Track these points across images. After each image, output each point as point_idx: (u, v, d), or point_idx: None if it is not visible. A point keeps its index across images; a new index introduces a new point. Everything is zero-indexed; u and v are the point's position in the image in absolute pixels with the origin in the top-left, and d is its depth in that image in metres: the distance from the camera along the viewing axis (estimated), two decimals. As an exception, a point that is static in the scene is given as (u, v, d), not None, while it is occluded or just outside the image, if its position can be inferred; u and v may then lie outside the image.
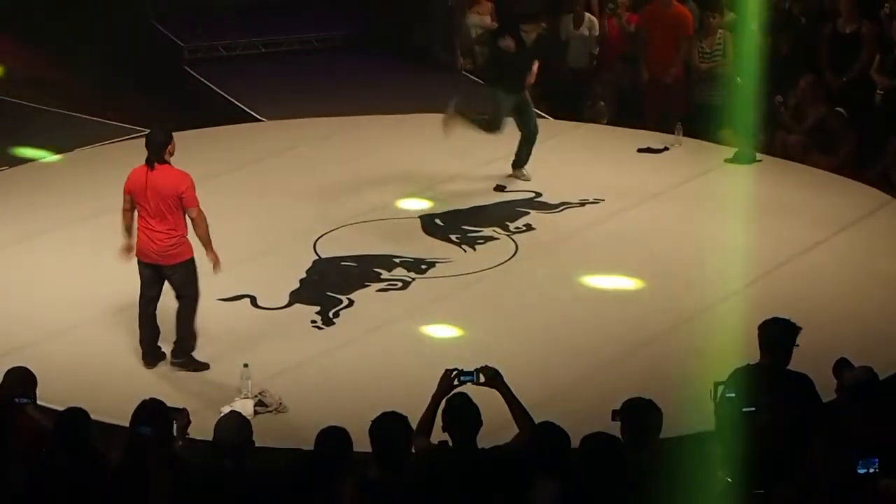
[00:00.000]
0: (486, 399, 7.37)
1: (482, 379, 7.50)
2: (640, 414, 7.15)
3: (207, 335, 10.44)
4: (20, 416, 7.64)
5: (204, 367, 10.10)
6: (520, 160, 13.77)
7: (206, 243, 9.95)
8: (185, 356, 10.10)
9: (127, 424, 7.34)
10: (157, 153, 9.84)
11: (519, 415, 7.46)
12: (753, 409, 7.33)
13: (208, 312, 10.72)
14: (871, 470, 6.55)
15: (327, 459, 6.86)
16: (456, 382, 7.48)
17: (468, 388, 7.40)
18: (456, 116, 13.38)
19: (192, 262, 9.99)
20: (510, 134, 13.65)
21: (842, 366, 8.02)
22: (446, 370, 7.54)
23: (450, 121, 13.37)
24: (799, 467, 6.80)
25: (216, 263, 9.99)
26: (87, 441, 7.18)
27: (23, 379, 7.89)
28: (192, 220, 9.87)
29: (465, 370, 7.48)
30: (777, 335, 7.96)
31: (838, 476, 6.63)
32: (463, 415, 7.14)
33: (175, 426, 7.28)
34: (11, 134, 15.47)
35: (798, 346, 7.90)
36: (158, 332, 10.20)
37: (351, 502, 6.77)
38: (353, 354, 10.42)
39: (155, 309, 10.13)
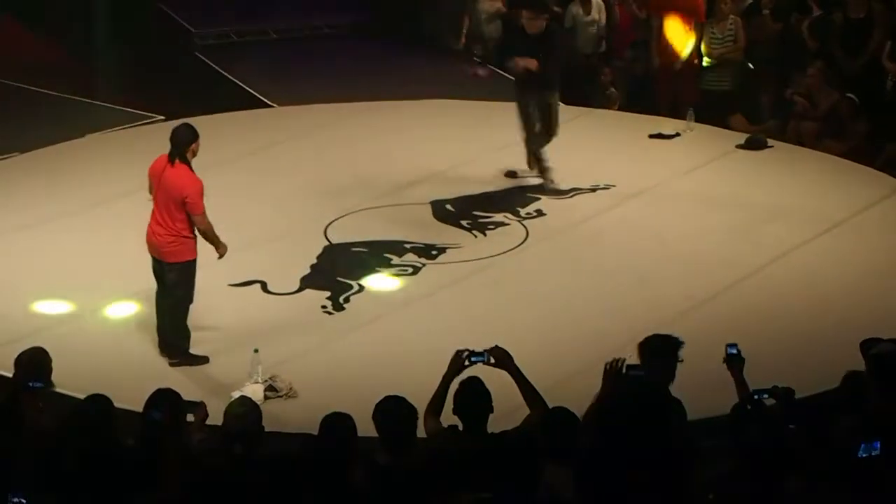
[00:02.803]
0: (496, 383, 7.39)
1: (492, 360, 7.52)
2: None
3: (218, 321, 10.47)
4: (32, 402, 7.64)
5: (203, 360, 10.04)
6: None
7: (214, 243, 9.89)
8: (180, 356, 10.02)
9: (137, 410, 7.37)
10: (179, 150, 9.75)
11: (529, 395, 7.47)
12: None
13: (219, 298, 10.76)
14: (873, 454, 6.53)
15: (332, 445, 6.87)
16: (466, 363, 7.50)
17: (480, 372, 7.41)
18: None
19: (189, 264, 9.86)
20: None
21: (869, 345, 7.99)
22: (457, 351, 7.56)
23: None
24: (811, 455, 6.78)
25: (221, 254, 9.98)
26: (111, 428, 7.19)
27: (36, 360, 7.91)
28: (196, 226, 9.77)
29: (475, 350, 7.51)
30: (657, 351, 7.72)
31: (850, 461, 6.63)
32: (474, 400, 7.15)
33: (194, 419, 7.32)
34: (22, 120, 15.49)
35: (682, 361, 7.73)
36: None
37: (361, 487, 6.78)
38: (363, 340, 10.43)
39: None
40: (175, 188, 9.70)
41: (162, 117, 15.57)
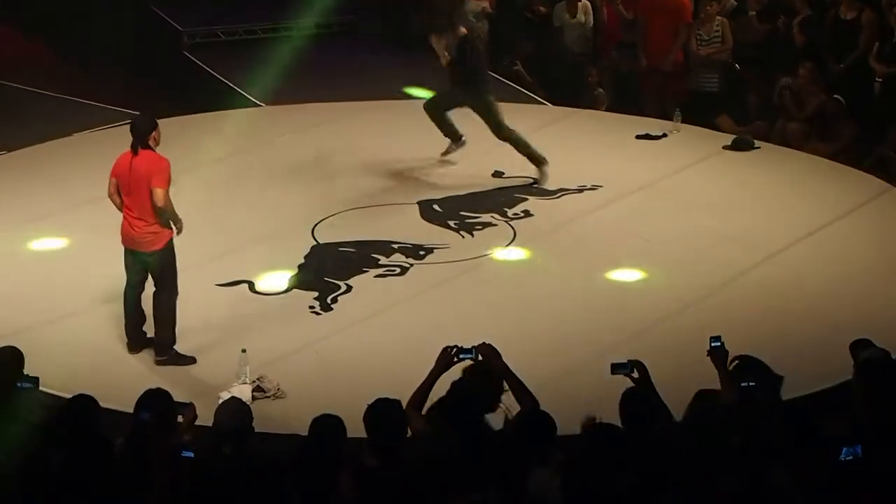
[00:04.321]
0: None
1: (480, 357, 7.53)
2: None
3: (205, 321, 10.46)
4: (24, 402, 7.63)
5: (190, 360, 10.03)
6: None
7: (174, 220, 9.83)
8: (167, 352, 10.02)
9: (123, 410, 7.37)
10: (141, 139, 9.80)
11: (518, 391, 7.47)
12: None
13: (206, 298, 10.76)
14: (854, 457, 6.56)
15: (322, 447, 6.88)
16: (455, 360, 7.51)
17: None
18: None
19: (170, 245, 9.91)
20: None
21: (859, 346, 8.01)
22: (445, 347, 7.55)
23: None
24: (797, 453, 6.80)
25: (179, 230, 9.91)
26: (97, 428, 7.19)
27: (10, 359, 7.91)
28: (155, 201, 9.69)
29: (464, 347, 7.51)
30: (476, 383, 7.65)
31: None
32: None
33: (183, 420, 7.32)
34: (9, 118, 15.47)
35: (503, 405, 7.53)
36: (144, 319, 10.17)
37: (347, 489, 6.78)
38: (351, 340, 10.43)
39: (139, 295, 10.11)
40: (145, 170, 9.75)
41: (150, 116, 15.54)
